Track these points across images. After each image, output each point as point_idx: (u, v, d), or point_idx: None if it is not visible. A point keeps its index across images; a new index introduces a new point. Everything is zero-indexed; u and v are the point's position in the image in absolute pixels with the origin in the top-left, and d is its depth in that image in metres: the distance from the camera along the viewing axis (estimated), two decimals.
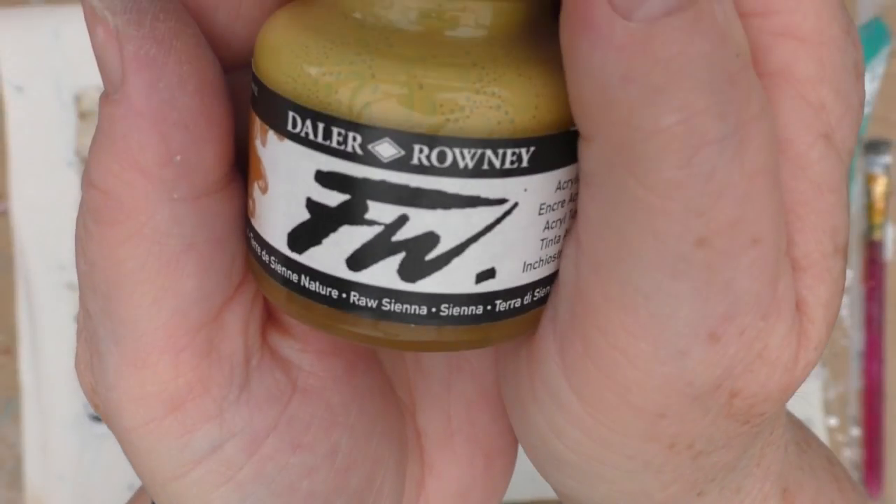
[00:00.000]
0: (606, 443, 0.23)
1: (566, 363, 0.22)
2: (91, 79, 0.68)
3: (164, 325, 0.22)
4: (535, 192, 0.20)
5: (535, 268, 0.21)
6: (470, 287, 0.21)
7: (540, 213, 0.21)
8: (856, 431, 0.71)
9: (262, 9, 0.23)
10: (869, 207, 0.71)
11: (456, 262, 0.20)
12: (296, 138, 0.20)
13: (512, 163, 0.20)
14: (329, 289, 0.21)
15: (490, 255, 0.20)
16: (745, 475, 0.25)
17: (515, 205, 0.20)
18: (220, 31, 0.23)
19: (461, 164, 0.19)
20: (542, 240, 0.21)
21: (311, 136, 0.20)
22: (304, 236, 0.21)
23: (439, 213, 0.20)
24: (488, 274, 0.21)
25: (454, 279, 0.20)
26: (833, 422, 0.71)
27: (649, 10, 0.18)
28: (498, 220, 0.20)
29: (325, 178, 0.20)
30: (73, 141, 0.68)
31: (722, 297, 0.20)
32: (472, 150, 0.19)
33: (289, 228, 0.21)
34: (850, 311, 0.71)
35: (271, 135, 0.21)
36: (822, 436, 0.70)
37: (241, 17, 0.23)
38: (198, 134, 0.21)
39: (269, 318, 0.25)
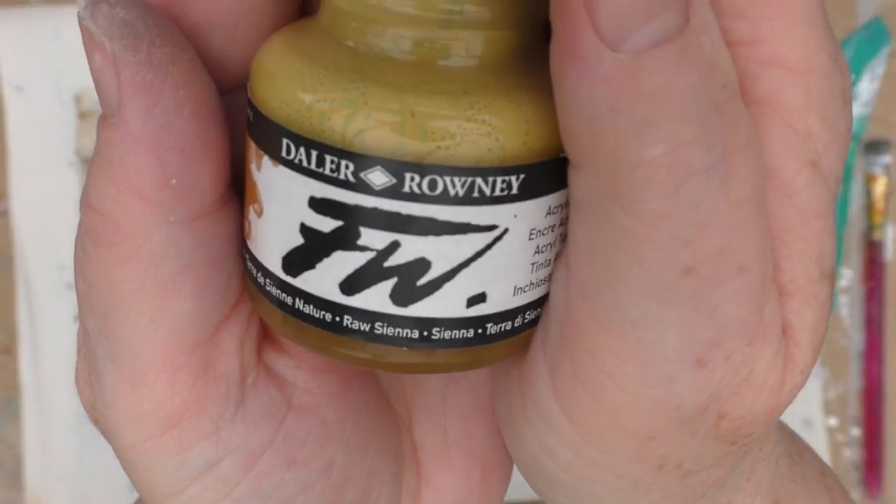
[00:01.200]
0: (596, 463, 0.23)
1: (556, 385, 0.22)
2: (91, 79, 0.68)
3: (161, 345, 0.23)
4: (525, 218, 0.20)
5: (525, 291, 0.22)
6: (461, 311, 0.21)
7: (530, 239, 0.21)
8: (856, 431, 0.71)
9: (259, 32, 0.23)
10: (869, 207, 0.71)
11: (447, 286, 0.21)
12: (290, 164, 0.20)
13: (502, 190, 0.20)
14: (323, 312, 0.21)
15: (480, 279, 0.21)
16: (735, 490, 0.26)
17: (506, 231, 0.20)
18: (217, 55, 0.23)
19: (451, 192, 0.20)
20: (533, 264, 0.21)
21: (305, 163, 0.20)
22: (298, 260, 0.21)
23: (430, 239, 0.20)
24: (479, 298, 0.21)
25: (445, 303, 0.21)
26: (833, 422, 0.71)
27: (637, 42, 0.18)
28: (488, 246, 0.20)
29: (318, 205, 0.20)
30: (73, 141, 0.68)
31: (708, 323, 0.20)
32: (463, 179, 0.20)
33: (283, 252, 0.21)
34: (850, 311, 0.71)
35: (266, 160, 0.21)
36: (822, 436, 0.70)
37: (238, 40, 0.23)
38: (194, 157, 0.22)
39: (265, 336, 0.25)
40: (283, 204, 0.21)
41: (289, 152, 0.20)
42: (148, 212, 0.22)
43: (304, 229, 0.21)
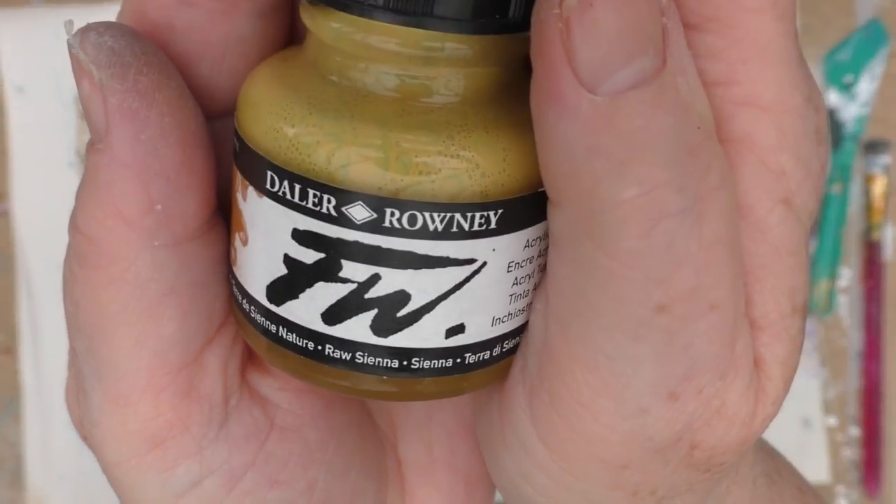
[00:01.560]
0: (572, 489, 0.23)
1: (534, 413, 0.23)
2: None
3: (146, 366, 0.23)
4: (503, 251, 0.21)
5: (503, 322, 0.22)
6: (440, 342, 0.21)
7: (508, 271, 0.21)
8: (855, 431, 0.71)
9: (246, 62, 0.23)
10: (868, 208, 0.71)
11: (426, 318, 0.21)
12: (274, 197, 0.21)
13: (480, 225, 0.20)
14: (305, 341, 0.22)
15: (459, 311, 0.21)
16: None
17: (484, 264, 0.21)
18: (205, 83, 0.23)
19: (430, 227, 0.20)
20: (511, 295, 0.22)
21: (289, 196, 0.20)
22: (281, 290, 0.22)
23: (409, 272, 0.20)
24: (458, 329, 0.21)
25: (424, 334, 0.21)
26: (832, 421, 0.71)
27: (614, 84, 0.18)
28: (467, 279, 0.21)
29: (301, 237, 0.21)
30: (73, 141, 0.68)
31: (681, 359, 0.21)
32: (442, 214, 0.20)
33: (267, 281, 0.22)
34: (850, 311, 0.71)
35: (251, 190, 0.21)
36: (822, 435, 0.70)
37: (225, 70, 0.23)
38: (179, 183, 0.22)
39: (250, 358, 0.26)
40: (268, 234, 0.21)
41: (273, 184, 0.21)
42: (133, 236, 0.22)
43: (288, 260, 0.21)
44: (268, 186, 0.21)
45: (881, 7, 0.71)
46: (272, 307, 0.22)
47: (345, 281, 0.21)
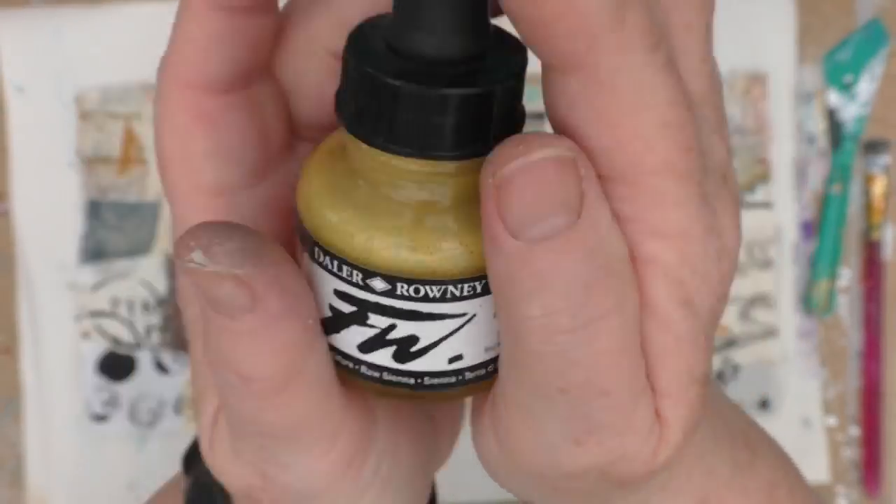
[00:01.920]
0: (521, 482, 0.31)
1: (494, 425, 0.30)
2: (91, 79, 0.69)
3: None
4: (489, 306, 0.29)
5: (494, 349, 0.30)
6: (444, 366, 0.29)
7: (494, 317, 0.29)
8: (855, 431, 0.72)
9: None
10: (868, 207, 0.72)
11: (432, 351, 0.29)
12: (320, 265, 0.29)
13: (468, 291, 0.28)
14: (347, 362, 0.30)
15: (458, 346, 0.29)
16: (649, 494, 0.32)
17: (474, 315, 0.29)
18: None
19: (431, 295, 0.28)
20: (499, 331, 0.29)
21: (329, 267, 0.29)
22: (330, 326, 0.30)
23: (417, 323, 0.29)
24: (458, 358, 0.29)
25: (432, 362, 0.29)
26: (832, 421, 0.72)
27: (529, 234, 0.24)
28: (461, 326, 0.29)
29: (339, 294, 0.29)
30: (73, 141, 0.70)
31: (582, 423, 0.27)
32: (440, 287, 0.28)
33: (321, 318, 0.30)
34: (850, 311, 0.72)
35: (306, 256, 0.30)
36: (821, 435, 0.71)
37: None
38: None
39: None
40: (318, 288, 0.30)
41: (319, 257, 0.29)
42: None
43: (331, 308, 0.30)
44: (315, 257, 0.29)
45: (881, 7, 0.72)
46: (329, 336, 0.30)
47: (371, 326, 0.29)
